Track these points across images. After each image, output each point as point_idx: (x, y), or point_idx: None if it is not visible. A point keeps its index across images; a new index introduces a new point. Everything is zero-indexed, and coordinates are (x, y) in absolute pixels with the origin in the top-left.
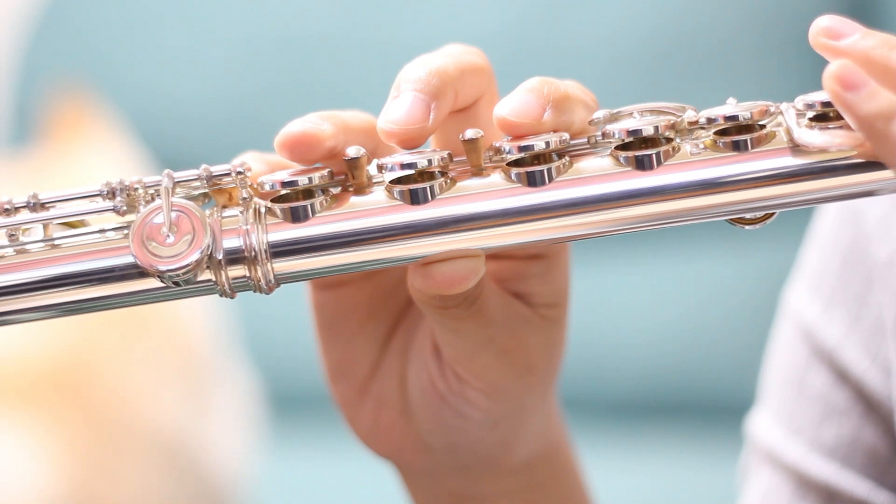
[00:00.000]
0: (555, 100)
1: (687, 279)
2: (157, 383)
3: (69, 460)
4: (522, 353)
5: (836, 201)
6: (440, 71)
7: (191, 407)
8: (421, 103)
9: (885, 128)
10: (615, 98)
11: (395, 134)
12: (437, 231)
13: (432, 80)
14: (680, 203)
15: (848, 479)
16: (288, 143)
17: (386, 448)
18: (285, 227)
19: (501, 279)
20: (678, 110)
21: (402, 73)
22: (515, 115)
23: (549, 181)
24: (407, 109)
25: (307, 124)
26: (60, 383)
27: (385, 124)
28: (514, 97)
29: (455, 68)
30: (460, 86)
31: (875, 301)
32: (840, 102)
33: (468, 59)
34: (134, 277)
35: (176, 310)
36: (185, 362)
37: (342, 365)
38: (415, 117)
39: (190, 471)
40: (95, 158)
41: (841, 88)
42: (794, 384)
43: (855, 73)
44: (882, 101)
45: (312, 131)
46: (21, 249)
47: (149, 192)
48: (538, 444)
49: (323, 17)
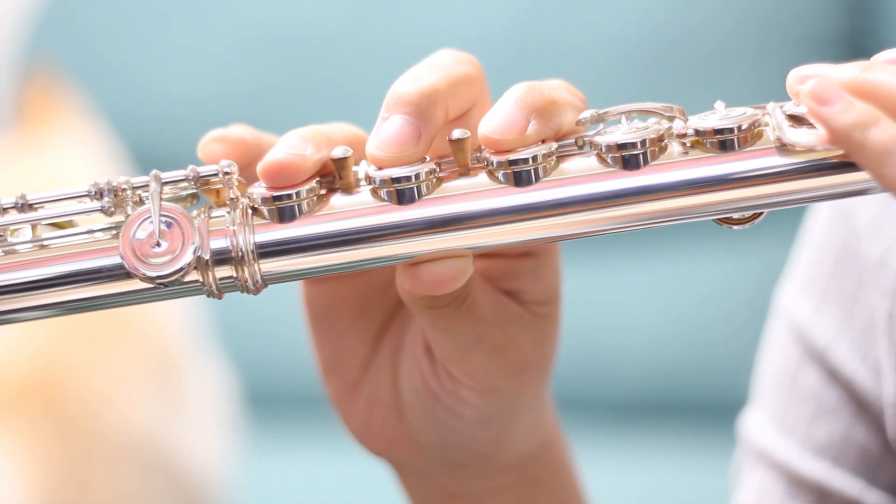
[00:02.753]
0: (539, 108)
1: (681, 279)
2: (131, 387)
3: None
4: (515, 350)
5: (824, 201)
6: (430, 91)
7: (166, 409)
8: (410, 127)
9: (861, 137)
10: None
11: (384, 161)
12: (425, 231)
13: (422, 101)
14: (667, 203)
15: (839, 477)
16: (270, 172)
17: (378, 445)
18: (272, 228)
19: (491, 277)
20: (666, 110)
21: (393, 90)
22: (499, 133)
23: (536, 181)
24: (396, 134)
25: (288, 152)
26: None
27: (375, 150)
28: (498, 112)
29: (446, 84)
30: (451, 101)
31: (866, 300)
32: (816, 117)
33: (459, 69)
34: (122, 278)
35: (149, 309)
36: (160, 363)
37: (334, 360)
38: (404, 142)
39: (165, 475)
40: (67, 147)
41: (816, 105)
42: (786, 383)
43: (829, 89)
44: (856, 113)
45: (293, 160)
46: (9, 250)
47: (137, 192)
48: (531, 442)
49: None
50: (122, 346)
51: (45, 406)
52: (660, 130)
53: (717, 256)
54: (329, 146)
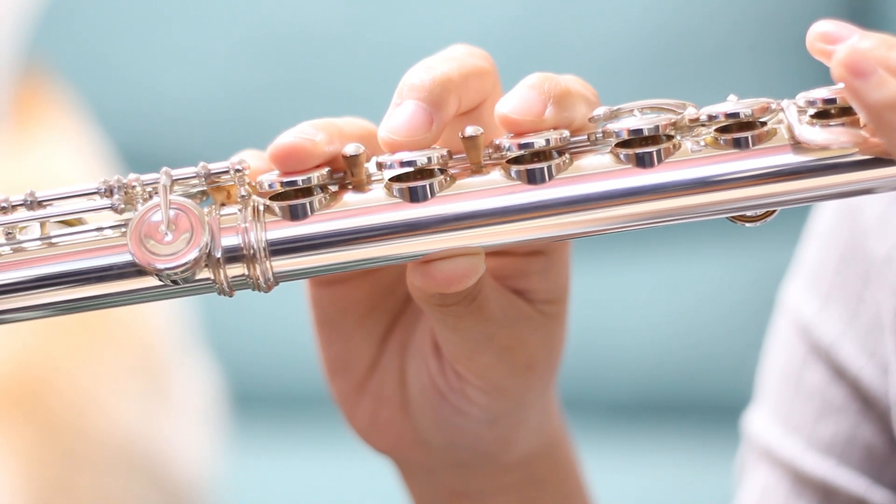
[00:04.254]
0: (556, 96)
1: (683, 278)
2: (116, 388)
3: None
4: (522, 350)
5: (838, 199)
6: (443, 79)
7: (151, 410)
8: (423, 113)
9: (892, 118)
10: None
11: (396, 144)
12: (437, 229)
13: (435, 88)
14: (680, 200)
15: (845, 476)
16: (279, 155)
17: (384, 444)
18: (284, 225)
19: (501, 276)
20: (679, 107)
21: (405, 79)
22: (517, 113)
23: (549, 179)
24: (408, 119)
25: (299, 136)
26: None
27: (386, 134)
28: (516, 94)
29: (459, 74)
30: (464, 92)
31: (872, 298)
32: (848, 90)
33: (472, 62)
34: (132, 276)
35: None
36: (145, 363)
37: (341, 361)
38: (416, 128)
39: (151, 476)
40: (55, 146)
41: (850, 76)
42: (791, 381)
43: (863, 61)
44: (890, 90)
45: (302, 143)
46: (18, 248)
47: (147, 189)
48: (537, 441)
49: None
50: (108, 345)
51: (30, 406)
52: (672, 118)
53: (720, 255)
54: (341, 139)
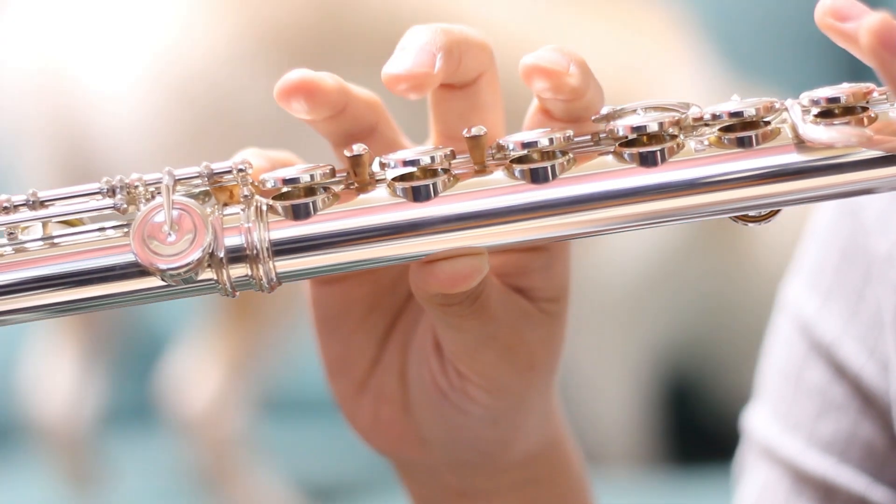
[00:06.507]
0: (578, 62)
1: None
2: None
3: None
4: (524, 349)
5: (843, 198)
6: (445, 33)
7: None
8: (427, 52)
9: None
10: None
11: (400, 78)
12: (440, 229)
13: (438, 38)
14: (684, 200)
15: (845, 473)
16: (287, 91)
17: (385, 443)
18: (287, 225)
19: (503, 274)
20: (682, 107)
21: (407, 32)
22: (548, 63)
23: (553, 178)
24: (413, 56)
25: (306, 72)
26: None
27: (390, 69)
28: (542, 51)
29: (462, 35)
30: (465, 52)
31: (873, 296)
32: (878, 62)
33: (471, 33)
34: (134, 276)
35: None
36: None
37: (341, 361)
38: (421, 63)
39: None
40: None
41: (881, 48)
42: (791, 379)
43: (895, 32)
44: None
45: (312, 77)
46: (20, 248)
47: (149, 189)
48: (538, 440)
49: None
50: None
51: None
52: (676, 116)
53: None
54: (348, 92)
